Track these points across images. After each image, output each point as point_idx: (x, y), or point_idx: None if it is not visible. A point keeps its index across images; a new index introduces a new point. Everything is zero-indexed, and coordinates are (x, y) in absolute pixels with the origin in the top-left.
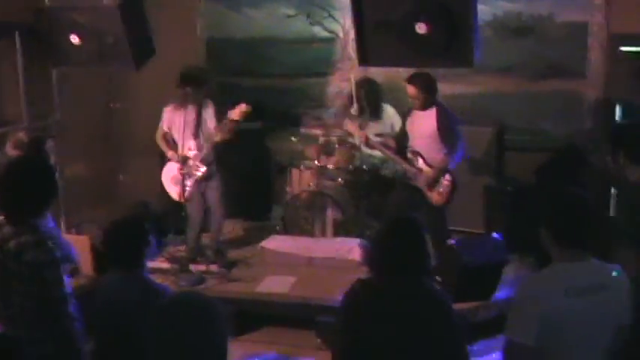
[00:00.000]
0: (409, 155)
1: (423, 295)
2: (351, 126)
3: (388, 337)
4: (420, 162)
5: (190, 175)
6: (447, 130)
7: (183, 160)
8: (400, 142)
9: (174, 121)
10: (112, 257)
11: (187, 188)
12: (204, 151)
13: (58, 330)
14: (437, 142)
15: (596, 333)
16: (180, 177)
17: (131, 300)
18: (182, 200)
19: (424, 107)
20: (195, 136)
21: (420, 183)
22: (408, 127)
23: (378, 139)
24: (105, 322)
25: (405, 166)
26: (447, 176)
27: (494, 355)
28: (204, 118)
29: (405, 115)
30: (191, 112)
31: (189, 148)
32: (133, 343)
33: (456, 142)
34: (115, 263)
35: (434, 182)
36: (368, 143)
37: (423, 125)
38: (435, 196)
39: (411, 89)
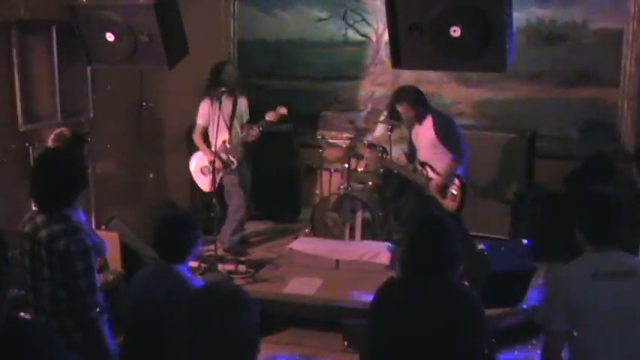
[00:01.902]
0: (418, 167)
1: (453, 294)
2: (366, 152)
3: (417, 335)
4: (429, 171)
5: (223, 168)
6: (447, 137)
7: (217, 154)
8: (410, 154)
9: (210, 114)
10: (160, 249)
11: (211, 182)
12: (236, 146)
13: (86, 320)
14: (440, 150)
15: (629, 317)
16: (210, 168)
17: (162, 291)
18: (211, 190)
19: (420, 120)
20: (230, 130)
21: (432, 191)
22: (414, 140)
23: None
24: (136, 313)
25: (416, 177)
26: (456, 181)
27: None
28: (239, 113)
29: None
30: (226, 106)
31: (223, 141)
32: (161, 335)
33: (459, 145)
34: (161, 255)
35: (444, 189)
36: (383, 164)
37: (424, 136)
38: (449, 203)
39: (401, 108)
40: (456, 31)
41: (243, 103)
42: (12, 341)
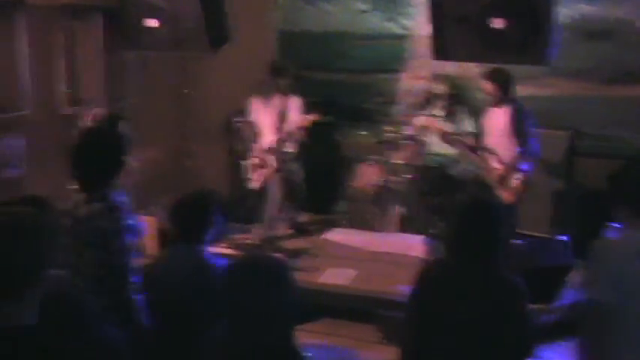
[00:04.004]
0: (484, 152)
1: (500, 280)
2: (426, 121)
3: (458, 316)
4: (494, 159)
5: (265, 167)
6: (520, 129)
7: (264, 154)
8: (477, 139)
9: (260, 113)
10: (176, 229)
11: (257, 180)
12: (283, 147)
13: (121, 299)
14: (510, 140)
15: None
16: (256, 167)
17: (184, 273)
18: (255, 187)
19: (499, 104)
20: (278, 130)
21: (492, 180)
22: (484, 124)
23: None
24: (160, 295)
25: (478, 162)
26: (519, 175)
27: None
28: (289, 112)
29: (477, 112)
30: (276, 105)
31: (271, 141)
32: (185, 317)
33: (529, 141)
34: (178, 236)
35: (505, 180)
36: (445, 138)
37: (497, 122)
38: (506, 194)
39: (487, 85)
40: (500, 23)
41: (295, 103)
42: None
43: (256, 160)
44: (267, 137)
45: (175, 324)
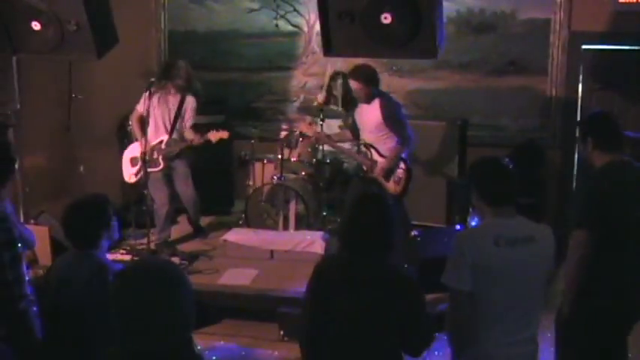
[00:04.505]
0: (362, 148)
1: (386, 270)
2: (304, 126)
3: (354, 311)
4: (373, 153)
5: (150, 166)
6: (393, 119)
7: (150, 150)
8: (356, 134)
9: (154, 108)
10: (69, 236)
11: (138, 174)
12: (172, 148)
13: (14, 312)
14: (386, 132)
15: (532, 277)
16: (139, 160)
17: (81, 279)
18: (130, 181)
19: (368, 99)
20: (170, 131)
21: (376, 174)
22: (357, 120)
23: (338, 131)
24: (56, 302)
25: (360, 159)
26: (402, 165)
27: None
28: (183, 114)
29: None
30: (172, 106)
31: (160, 141)
32: (83, 323)
33: (405, 130)
34: (72, 243)
35: (389, 172)
36: (322, 141)
37: (370, 117)
38: (392, 186)
39: (353, 83)
40: (386, 18)
41: (190, 103)
42: None
43: (140, 154)
44: (159, 134)
45: (70, 335)
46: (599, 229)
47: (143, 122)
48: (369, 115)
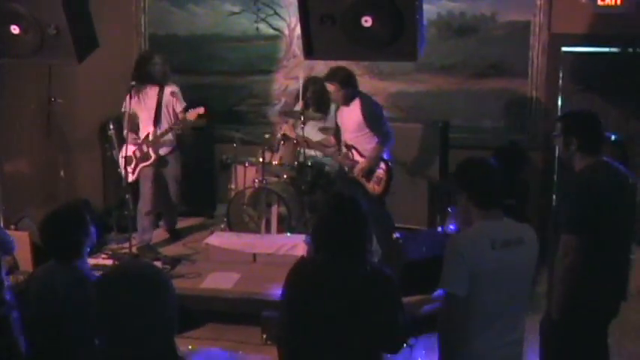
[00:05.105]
0: (343, 149)
1: (367, 273)
2: (286, 128)
3: (330, 313)
4: (355, 154)
5: (142, 160)
6: (373, 120)
7: (139, 145)
8: (338, 137)
9: (137, 105)
10: (49, 247)
11: (132, 172)
12: (157, 137)
13: None
14: (366, 133)
15: (520, 279)
16: (133, 158)
17: (60, 291)
18: (125, 180)
19: (347, 101)
20: (154, 122)
21: (357, 174)
22: (339, 122)
23: (320, 135)
24: (36, 313)
25: (341, 160)
26: (382, 165)
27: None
28: (167, 103)
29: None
30: (151, 98)
31: (147, 134)
32: (64, 333)
33: (385, 130)
34: (52, 254)
35: (370, 172)
36: (305, 144)
37: (350, 118)
38: (373, 186)
39: (330, 87)
40: (367, 21)
41: (170, 89)
42: None
43: (132, 152)
44: (145, 128)
45: (51, 343)
46: (589, 234)
47: (132, 122)
48: (350, 115)
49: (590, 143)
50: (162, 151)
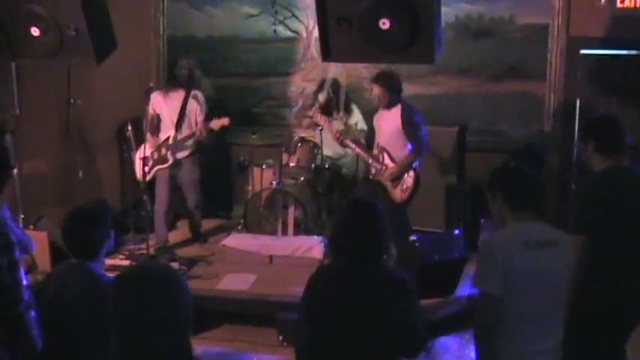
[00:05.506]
0: (375, 151)
1: (385, 277)
2: (321, 118)
3: (349, 317)
4: (386, 158)
5: (159, 163)
6: (411, 127)
7: (158, 147)
8: (369, 139)
9: (161, 107)
10: (70, 247)
11: (148, 172)
12: (178, 142)
13: (12, 316)
14: (402, 139)
15: (554, 284)
16: (149, 159)
17: (76, 292)
18: (140, 180)
19: (389, 106)
20: (176, 126)
21: (385, 179)
22: (375, 125)
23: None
24: (51, 313)
25: (371, 162)
26: (411, 173)
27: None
28: (190, 109)
29: (371, 113)
30: (175, 101)
31: (167, 137)
32: (77, 335)
33: (421, 139)
34: (72, 251)
35: (398, 178)
36: (338, 139)
37: (389, 123)
38: (399, 193)
39: (376, 88)
40: (385, 24)
41: (196, 96)
42: None
43: (150, 153)
44: (166, 131)
45: (67, 344)
46: (599, 236)
47: (153, 123)
48: (388, 120)
49: (607, 145)
50: (180, 155)
